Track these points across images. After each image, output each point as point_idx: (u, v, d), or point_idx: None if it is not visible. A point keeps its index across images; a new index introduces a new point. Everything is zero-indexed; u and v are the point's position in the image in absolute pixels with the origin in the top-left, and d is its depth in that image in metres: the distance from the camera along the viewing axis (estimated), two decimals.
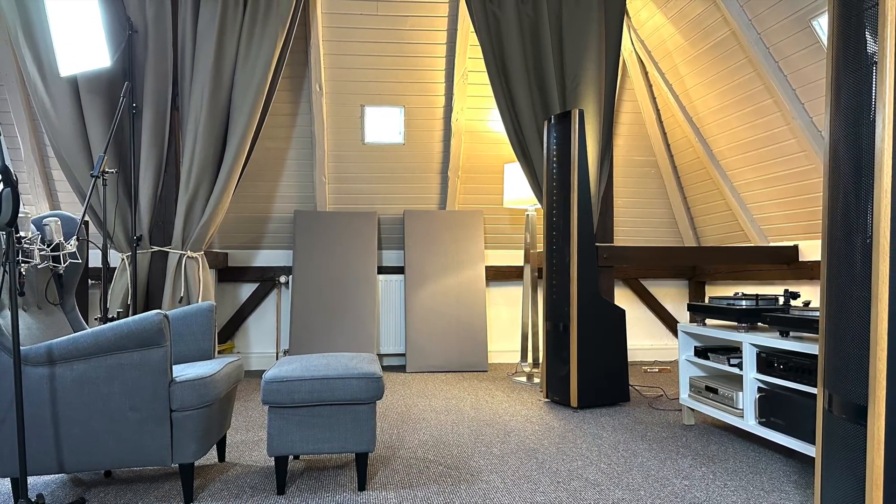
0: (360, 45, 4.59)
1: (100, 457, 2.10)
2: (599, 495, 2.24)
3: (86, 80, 3.90)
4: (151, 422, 2.11)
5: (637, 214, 5.45)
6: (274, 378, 2.23)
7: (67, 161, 3.96)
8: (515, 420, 3.34)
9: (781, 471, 2.51)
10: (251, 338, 5.13)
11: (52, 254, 2.44)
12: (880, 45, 1.55)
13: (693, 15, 4.13)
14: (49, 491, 2.32)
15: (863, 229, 1.60)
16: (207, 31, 3.97)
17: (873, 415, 1.55)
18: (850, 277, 1.64)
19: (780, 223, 4.36)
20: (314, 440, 2.26)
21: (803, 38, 3.48)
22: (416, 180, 5.12)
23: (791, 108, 3.74)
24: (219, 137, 4.05)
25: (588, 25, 4.19)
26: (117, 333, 2.09)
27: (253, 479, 2.44)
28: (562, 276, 3.67)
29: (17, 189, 1.88)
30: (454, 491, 2.29)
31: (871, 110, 1.58)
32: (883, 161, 1.54)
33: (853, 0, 1.64)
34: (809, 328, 2.37)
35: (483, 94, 4.88)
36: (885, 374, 1.53)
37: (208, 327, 2.68)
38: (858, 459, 1.62)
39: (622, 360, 3.68)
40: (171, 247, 4.07)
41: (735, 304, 2.93)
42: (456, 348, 4.92)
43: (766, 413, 2.63)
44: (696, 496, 2.23)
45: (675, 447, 2.83)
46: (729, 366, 2.87)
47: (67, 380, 2.08)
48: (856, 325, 1.62)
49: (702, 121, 4.61)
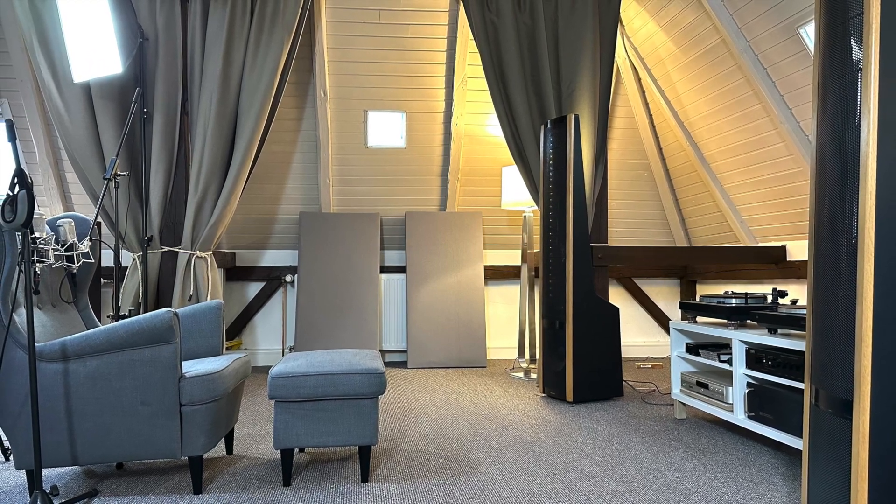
0: (363, 53, 4.60)
1: (112, 449, 2.11)
2: (594, 487, 2.24)
3: (98, 86, 3.90)
4: (162, 416, 2.11)
5: (630, 216, 5.45)
6: (280, 374, 2.23)
7: (81, 164, 3.96)
8: (513, 414, 3.34)
9: (770, 463, 2.51)
10: (258, 335, 5.13)
11: (65, 254, 2.44)
12: (865, 52, 1.55)
13: (684, 23, 4.13)
14: (63, 483, 2.32)
15: (848, 230, 1.60)
16: (216, 39, 3.97)
17: (858, 409, 1.55)
18: (836, 276, 1.64)
19: (769, 224, 4.36)
20: (319, 433, 2.26)
21: (791, 46, 3.48)
22: (417, 183, 5.11)
23: (779, 113, 3.74)
24: (227, 141, 4.05)
25: (583, 33, 4.19)
26: (129, 330, 2.09)
27: (260, 471, 2.44)
28: (558, 276, 3.67)
29: (33, 191, 1.88)
30: (454, 482, 2.29)
31: (857, 115, 1.58)
32: (868, 164, 1.54)
33: (839, 9, 1.64)
34: (797, 325, 2.37)
35: (482, 99, 4.88)
36: (870, 370, 1.53)
37: (217, 325, 2.68)
38: (844, 452, 1.62)
39: (616, 356, 3.68)
40: (180, 247, 4.07)
41: (725, 302, 2.93)
42: (456, 345, 4.92)
43: (754, 407, 2.63)
44: (688, 487, 2.23)
45: (667, 440, 2.83)
46: (719, 362, 2.87)
47: (81, 375, 2.08)
48: (841, 322, 1.62)
49: (693, 125, 4.61)
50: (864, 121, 1.55)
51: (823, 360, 1.69)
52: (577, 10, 4.20)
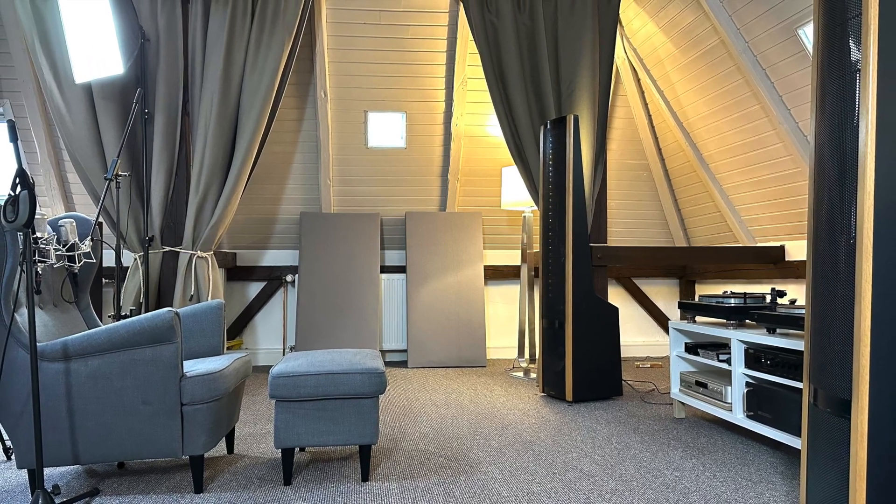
0: (363, 53, 4.59)
1: (113, 449, 2.10)
2: (593, 486, 2.23)
3: (100, 86, 3.89)
4: (163, 415, 2.11)
5: (630, 216, 5.45)
6: (281, 373, 2.23)
7: (82, 164, 3.96)
8: (513, 413, 3.34)
9: (768, 462, 2.50)
10: (259, 334, 5.13)
11: (67, 254, 2.43)
12: (863, 53, 1.54)
13: (683, 24, 4.12)
14: (65, 482, 2.32)
15: (847, 230, 1.60)
16: (217, 40, 3.96)
17: (857, 408, 1.55)
18: (835, 276, 1.63)
19: (767, 224, 4.35)
20: (319, 433, 2.25)
21: (789, 47, 3.48)
22: (417, 183, 5.11)
23: (778, 114, 3.73)
24: (228, 142, 4.05)
25: (583, 34, 4.18)
26: (130, 330, 2.09)
27: (260, 470, 2.44)
28: (557, 275, 3.67)
29: (34, 192, 1.88)
30: (454, 481, 2.28)
31: (855, 116, 1.58)
32: (866, 164, 1.54)
33: (838, 10, 1.64)
34: (795, 325, 2.37)
35: (482, 100, 4.88)
36: (868, 370, 1.53)
37: (217, 324, 2.68)
38: (842, 451, 1.61)
39: (615, 355, 3.67)
40: (181, 247, 4.07)
41: (724, 302, 2.93)
42: (456, 344, 4.91)
43: (753, 407, 2.63)
44: (687, 486, 2.22)
45: (666, 439, 2.83)
46: (718, 361, 2.87)
47: (82, 375, 2.08)
48: (840, 322, 1.62)
49: (692, 126, 4.60)
50: (862, 121, 1.55)
51: (822, 360, 1.69)
52: (576, 11, 4.19)
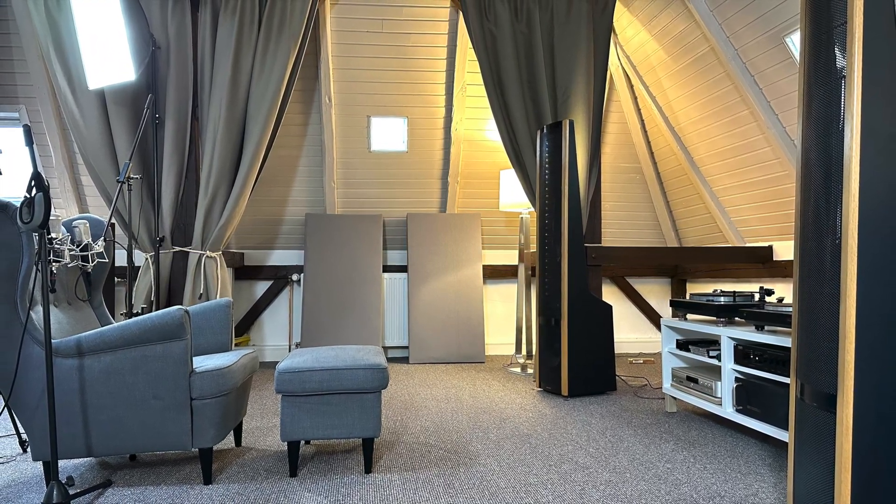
0: (366, 60, 4.59)
1: (125, 442, 2.11)
2: (588, 477, 2.24)
3: (112, 92, 3.90)
4: (173, 409, 2.11)
5: (623, 217, 5.45)
6: (287, 369, 2.23)
7: (95, 167, 3.96)
8: (510, 408, 3.34)
9: (757, 455, 2.51)
10: (265, 331, 5.13)
11: (80, 254, 2.44)
12: (849, 60, 1.55)
13: (675, 32, 4.13)
14: (78, 473, 2.32)
15: (832, 230, 1.60)
16: (225, 48, 3.97)
17: (842, 403, 1.55)
18: (821, 275, 1.64)
19: (756, 225, 4.36)
20: (324, 426, 2.26)
21: (777, 54, 3.48)
22: (418, 185, 5.11)
23: (766, 119, 3.74)
24: (236, 145, 4.05)
25: (578, 42, 4.19)
26: (142, 327, 2.09)
27: (267, 462, 2.44)
28: (553, 275, 3.67)
29: (49, 194, 1.88)
30: (454, 473, 2.29)
31: (840, 120, 1.58)
32: (851, 167, 1.54)
33: (824, 18, 1.64)
34: (783, 322, 2.37)
35: (480, 105, 4.88)
36: (853, 366, 1.53)
37: (226, 322, 2.68)
38: (828, 444, 1.62)
39: (609, 352, 3.68)
40: (191, 247, 4.07)
41: (714, 300, 2.93)
42: (455, 341, 4.91)
43: (742, 401, 2.63)
44: (678, 478, 2.23)
45: (658, 433, 2.83)
46: (708, 357, 2.87)
47: (95, 370, 2.08)
48: (826, 319, 1.62)
49: (683, 130, 4.61)
50: (847, 126, 1.55)
51: (808, 356, 1.69)
52: (571, 19, 4.20)
